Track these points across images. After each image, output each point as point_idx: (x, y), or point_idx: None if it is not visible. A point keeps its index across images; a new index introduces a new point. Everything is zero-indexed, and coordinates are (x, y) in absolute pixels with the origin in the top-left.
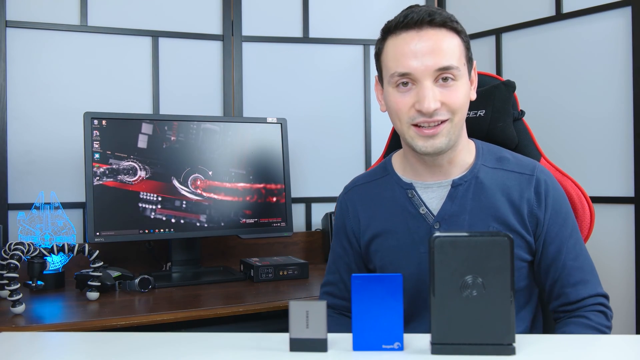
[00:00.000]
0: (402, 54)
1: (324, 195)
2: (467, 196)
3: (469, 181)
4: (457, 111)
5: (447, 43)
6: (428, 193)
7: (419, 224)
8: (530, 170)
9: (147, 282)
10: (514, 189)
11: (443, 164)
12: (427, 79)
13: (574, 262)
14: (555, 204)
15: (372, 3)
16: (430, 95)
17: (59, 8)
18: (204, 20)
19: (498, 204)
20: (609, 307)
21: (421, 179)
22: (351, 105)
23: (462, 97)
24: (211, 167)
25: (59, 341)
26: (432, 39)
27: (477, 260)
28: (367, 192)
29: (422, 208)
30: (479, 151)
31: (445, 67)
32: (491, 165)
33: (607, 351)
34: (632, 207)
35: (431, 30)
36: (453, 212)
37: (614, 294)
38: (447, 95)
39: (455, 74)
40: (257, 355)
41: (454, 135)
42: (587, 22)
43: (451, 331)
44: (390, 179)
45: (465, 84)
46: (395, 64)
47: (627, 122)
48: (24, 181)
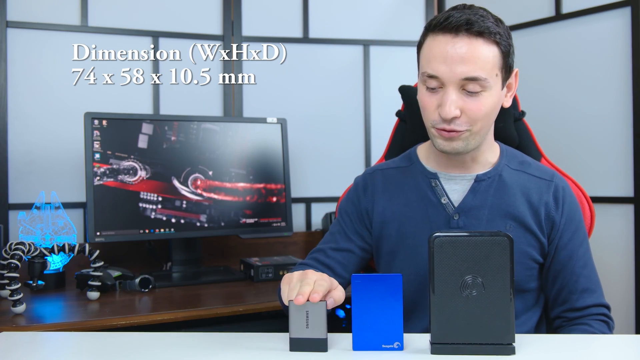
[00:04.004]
0: (434, 56)
1: (324, 195)
2: (489, 192)
3: (492, 178)
4: (477, 121)
5: (481, 53)
6: (451, 184)
7: (439, 213)
8: (549, 176)
9: (148, 282)
10: (533, 191)
11: (466, 160)
12: (453, 85)
13: (582, 270)
14: (570, 211)
15: (372, 3)
16: (449, 102)
17: (60, 8)
18: (204, 20)
19: (517, 204)
20: (611, 318)
21: (445, 170)
22: (351, 105)
23: (486, 108)
24: (211, 167)
25: (60, 341)
26: (466, 47)
27: (477, 260)
28: (389, 176)
29: (444, 198)
30: (502, 153)
31: (473, 77)
32: (514, 167)
33: (607, 351)
34: (631, 207)
35: (467, 37)
36: (474, 205)
37: (614, 294)
38: (470, 105)
39: (483, 85)
40: (257, 355)
41: (474, 140)
42: (587, 23)
43: (451, 331)
44: (414, 168)
45: (493, 94)
46: (427, 64)
47: (627, 122)
48: (24, 181)
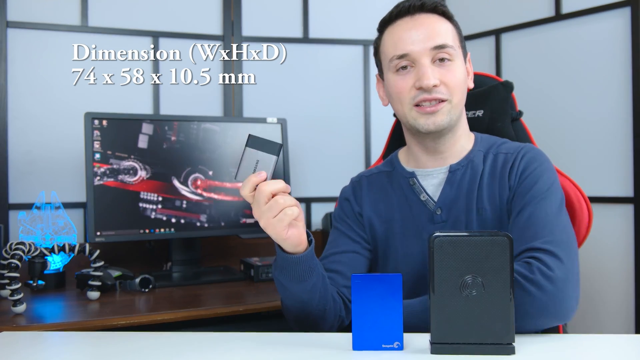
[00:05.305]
0: (399, 38)
1: (324, 195)
2: (464, 180)
3: (465, 165)
4: (455, 90)
5: (440, 26)
6: (428, 180)
7: (421, 210)
8: (516, 149)
9: (148, 282)
10: (501, 168)
11: (444, 150)
12: (425, 58)
13: (531, 220)
14: (524, 170)
15: (372, 3)
16: (429, 71)
17: (60, 8)
18: (204, 21)
19: (491, 187)
20: (541, 260)
21: (422, 167)
22: (351, 105)
23: (459, 76)
24: (211, 167)
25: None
26: (426, 22)
27: (477, 260)
28: (373, 182)
29: (422, 195)
30: (477, 140)
31: (441, 45)
32: (485, 150)
33: (607, 351)
34: (631, 207)
35: (424, 14)
36: (452, 196)
37: (614, 294)
38: (444, 75)
39: (451, 53)
40: (257, 355)
41: (455, 115)
42: (587, 23)
43: (451, 331)
44: (395, 171)
45: (461, 65)
46: (394, 49)
47: (626, 123)
48: (24, 181)
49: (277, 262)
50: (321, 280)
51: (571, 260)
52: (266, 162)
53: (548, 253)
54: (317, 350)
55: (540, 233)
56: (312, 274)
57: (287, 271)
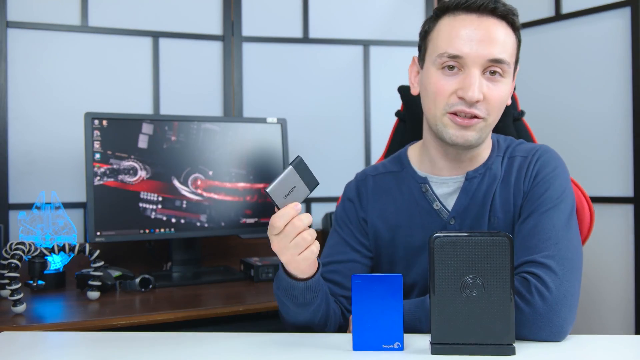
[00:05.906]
0: (457, 35)
1: (324, 195)
2: (481, 188)
3: (483, 173)
4: (494, 110)
5: (505, 36)
6: (443, 188)
7: (433, 219)
8: (530, 152)
9: (148, 282)
10: (517, 173)
11: (465, 159)
12: (477, 67)
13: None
14: (538, 174)
15: (372, 3)
16: (477, 84)
17: (60, 8)
18: (204, 21)
19: (505, 193)
20: (538, 275)
21: (437, 174)
22: (351, 105)
23: (503, 96)
24: (211, 167)
25: (60, 341)
26: (492, 29)
27: (477, 260)
28: (380, 183)
29: (435, 203)
30: (494, 144)
31: (498, 59)
32: (501, 155)
33: (607, 352)
34: (631, 207)
35: (492, 18)
36: (466, 205)
37: (614, 294)
38: (490, 90)
39: (505, 70)
40: (257, 355)
41: (485, 134)
42: (587, 23)
43: (451, 331)
44: (405, 173)
45: (508, 84)
46: (447, 44)
47: (626, 122)
48: (24, 181)
49: (281, 283)
50: (325, 299)
51: (571, 279)
52: (300, 192)
53: (548, 269)
54: (317, 350)
55: (544, 245)
56: (317, 296)
57: (292, 295)
